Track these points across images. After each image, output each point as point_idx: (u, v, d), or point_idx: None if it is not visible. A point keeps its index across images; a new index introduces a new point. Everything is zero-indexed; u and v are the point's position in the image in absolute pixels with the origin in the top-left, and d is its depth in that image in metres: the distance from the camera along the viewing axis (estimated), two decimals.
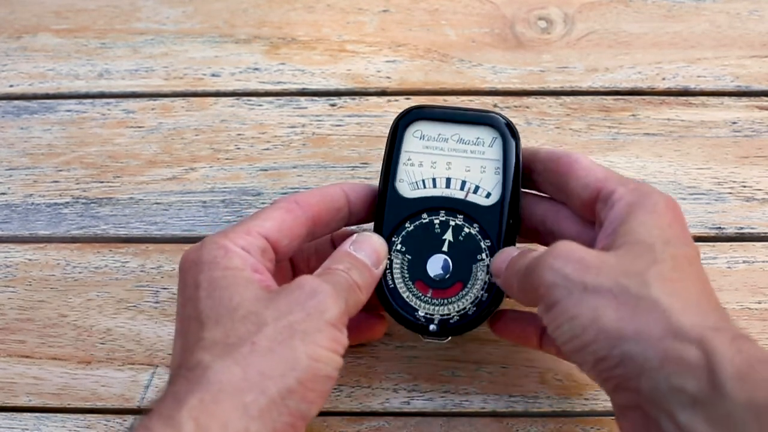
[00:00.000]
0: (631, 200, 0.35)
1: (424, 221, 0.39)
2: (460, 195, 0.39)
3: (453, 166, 0.40)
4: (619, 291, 0.32)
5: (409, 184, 0.40)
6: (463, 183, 0.40)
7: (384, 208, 0.39)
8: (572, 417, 0.42)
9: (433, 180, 0.40)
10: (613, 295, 0.32)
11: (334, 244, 0.41)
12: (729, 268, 0.45)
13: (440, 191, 0.40)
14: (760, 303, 0.44)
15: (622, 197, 0.35)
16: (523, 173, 0.40)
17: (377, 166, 0.41)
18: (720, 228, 0.46)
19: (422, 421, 0.42)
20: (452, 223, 0.39)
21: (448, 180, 0.40)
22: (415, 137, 0.40)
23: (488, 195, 0.39)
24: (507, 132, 0.39)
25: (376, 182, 0.40)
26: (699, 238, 0.45)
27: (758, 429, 0.28)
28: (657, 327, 0.30)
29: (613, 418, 0.41)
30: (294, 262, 0.41)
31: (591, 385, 0.42)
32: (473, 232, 0.39)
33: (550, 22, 0.52)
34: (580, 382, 0.42)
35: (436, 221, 0.39)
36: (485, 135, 0.40)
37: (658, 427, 0.30)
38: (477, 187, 0.39)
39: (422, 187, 0.40)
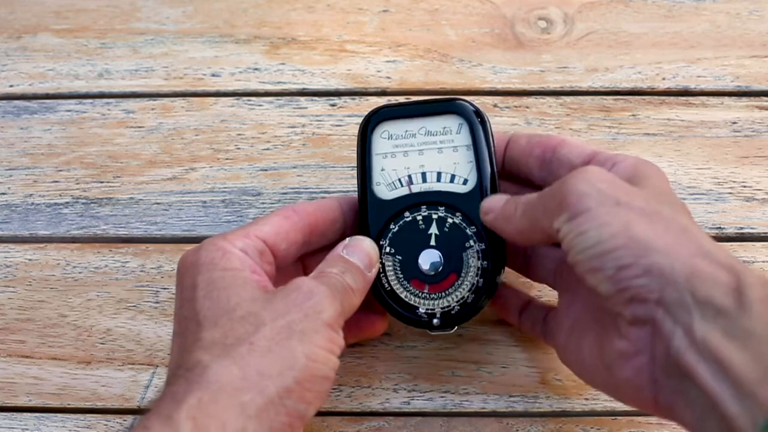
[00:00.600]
0: (635, 162, 0.36)
1: (407, 220, 0.39)
2: (438, 187, 0.40)
3: (426, 159, 0.40)
4: (652, 211, 0.32)
5: (386, 186, 0.40)
6: (439, 174, 0.40)
7: (366, 214, 0.40)
8: (572, 417, 0.42)
9: (409, 177, 0.40)
10: (645, 213, 0.32)
11: None
12: None
13: (418, 187, 0.40)
14: None
15: (626, 159, 0.36)
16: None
17: None
18: (720, 228, 0.46)
19: (422, 421, 0.42)
20: (435, 216, 0.39)
21: (424, 174, 0.40)
22: (383, 138, 0.40)
23: (465, 182, 0.39)
24: (472, 115, 0.40)
25: None
26: None
27: None
28: (689, 247, 0.31)
29: (613, 418, 0.41)
30: (306, 266, 0.41)
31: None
32: (457, 221, 0.39)
33: (550, 22, 0.52)
34: (580, 382, 0.42)
35: (419, 217, 0.39)
36: (451, 123, 0.40)
37: (667, 342, 0.30)
38: (453, 176, 0.40)
39: (399, 186, 0.40)
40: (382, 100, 0.50)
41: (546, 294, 0.43)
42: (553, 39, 0.52)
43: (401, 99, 0.50)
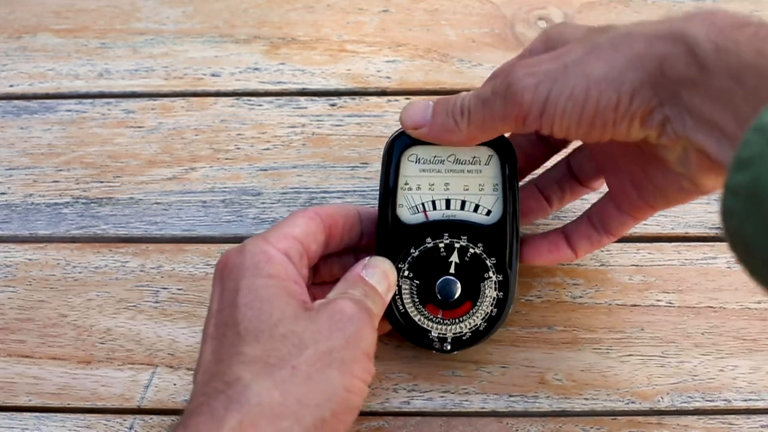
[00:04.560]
0: (541, 36, 0.37)
1: (428, 246, 0.39)
2: (461, 215, 0.40)
3: (451, 186, 0.40)
4: (593, 46, 0.33)
5: (408, 209, 0.40)
6: (463, 203, 0.40)
7: (387, 235, 0.39)
8: (572, 417, 0.42)
9: (433, 202, 0.40)
10: (590, 51, 0.33)
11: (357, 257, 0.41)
12: (729, 268, 0.45)
13: (441, 213, 0.40)
14: (759, 303, 0.44)
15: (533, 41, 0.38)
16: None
17: (377, 166, 0.41)
18: (720, 228, 0.46)
19: (422, 421, 0.42)
20: (457, 245, 0.39)
21: (448, 201, 0.40)
22: (411, 161, 0.40)
23: (489, 213, 0.39)
24: (503, 148, 0.39)
25: (375, 182, 0.40)
26: (699, 238, 0.45)
27: (742, 93, 0.28)
28: (640, 44, 0.32)
29: (612, 418, 0.41)
30: (318, 267, 0.41)
31: (591, 385, 0.42)
32: (478, 251, 0.39)
33: (550, 22, 0.52)
34: (580, 382, 0.42)
35: (441, 245, 0.39)
36: (481, 153, 0.40)
37: (683, 125, 0.31)
38: (477, 206, 0.40)
39: (422, 210, 0.40)
40: (382, 100, 0.50)
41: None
42: None
43: (401, 99, 0.50)
